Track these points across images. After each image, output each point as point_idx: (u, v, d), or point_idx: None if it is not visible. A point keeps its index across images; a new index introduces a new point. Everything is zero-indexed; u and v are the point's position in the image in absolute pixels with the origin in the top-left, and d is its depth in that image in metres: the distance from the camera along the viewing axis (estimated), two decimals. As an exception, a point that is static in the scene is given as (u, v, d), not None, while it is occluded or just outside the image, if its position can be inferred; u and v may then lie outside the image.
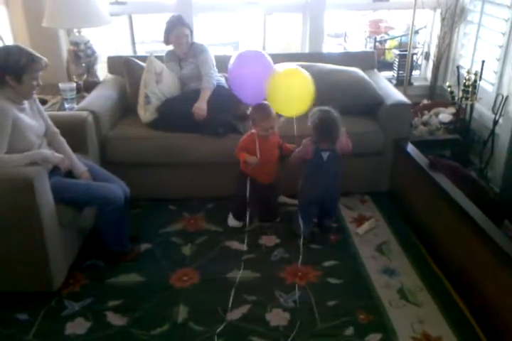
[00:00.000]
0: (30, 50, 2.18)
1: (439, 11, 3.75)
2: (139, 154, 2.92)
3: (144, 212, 2.96)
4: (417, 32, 4.12)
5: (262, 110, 2.55)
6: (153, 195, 3.08)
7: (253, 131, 2.64)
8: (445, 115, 3.30)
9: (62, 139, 2.44)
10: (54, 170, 2.28)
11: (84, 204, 2.38)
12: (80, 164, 2.42)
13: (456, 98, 3.20)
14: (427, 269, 2.47)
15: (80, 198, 2.30)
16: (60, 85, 3.06)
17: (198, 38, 3.81)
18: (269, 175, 2.76)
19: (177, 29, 3.07)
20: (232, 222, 2.85)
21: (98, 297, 2.28)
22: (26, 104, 2.26)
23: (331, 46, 5.61)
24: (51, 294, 2.26)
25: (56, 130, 2.44)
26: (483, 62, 3.03)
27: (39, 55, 2.18)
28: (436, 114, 3.34)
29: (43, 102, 3.03)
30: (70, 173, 2.39)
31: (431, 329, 2.09)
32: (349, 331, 2.08)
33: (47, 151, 2.22)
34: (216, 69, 3.21)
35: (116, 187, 2.39)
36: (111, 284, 2.37)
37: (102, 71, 3.56)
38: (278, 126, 2.66)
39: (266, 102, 2.57)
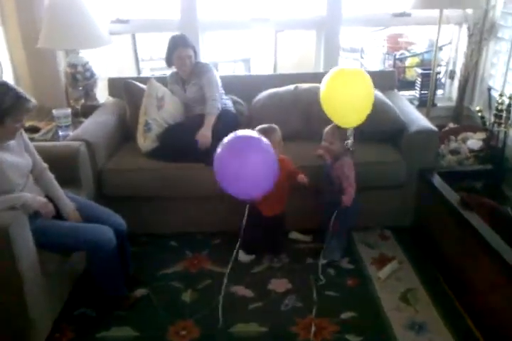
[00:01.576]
0: (19, 89, 1.93)
1: (465, 26, 3.47)
2: (138, 187, 2.68)
3: (142, 250, 2.70)
4: (440, 48, 3.83)
5: (264, 133, 2.27)
6: (153, 230, 2.83)
7: None
8: (474, 141, 3.00)
9: (51, 175, 2.21)
10: (38, 212, 2.04)
11: (72, 250, 2.13)
12: (68, 203, 2.17)
13: (488, 123, 2.90)
14: (460, 325, 2.16)
15: (66, 243, 2.06)
16: (54, 112, 2.84)
17: (205, 55, 3.60)
18: (274, 206, 2.51)
19: (179, 50, 2.84)
20: (243, 257, 2.61)
21: (85, 356, 2.03)
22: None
23: (346, 62, 5.34)
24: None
25: (44, 165, 2.21)
26: (518, 84, 2.73)
27: (27, 97, 1.93)
28: (464, 140, 3.04)
29: (36, 130, 2.83)
30: (58, 213, 2.15)
31: None
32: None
33: (27, 195, 1.97)
34: (223, 91, 2.98)
35: (107, 230, 2.14)
36: (101, 339, 2.11)
37: (103, 93, 3.35)
38: (280, 151, 2.40)
39: (273, 125, 2.45)
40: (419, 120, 2.81)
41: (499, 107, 2.78)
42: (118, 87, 3.08)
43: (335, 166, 2.47)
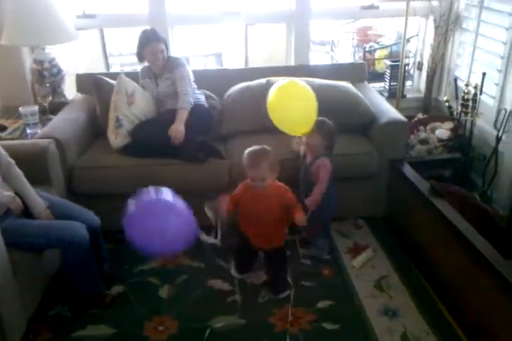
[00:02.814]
0: None
1: (431, 18, 3.53)
2: (110, 184, 2.64)
3: (117, 247, 2.65)
4: (408, 40, 3.88)
5: (251, 155, 2.13)
6: (127, 227, 2.79)
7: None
8: (443, 131, 3.06)
9: (19, 171, 2.16)
10: (8, 211, 2.01)
11: (43, 248, 2.10)
12: (38, 201, 2.13)
13: (455, 113, 2.96)
14: (432, 308, 2.22)
15: (37, 242, 2.02)
16: (21, 109, 2.78)
17: (176, 50, 3.57)
18: (264, 239, 2.26)
19: (152, 45, 2.80)
20: (234, 273, 2.43)
21: (61, 356, 2.00)
22: None
23: (317, 55, 5.37)
24: (6, 355, 1.97)
25: (11, 161, 2.15)
26: (483, 74, 2.79)
27: None
28: (433, 130, 3.10)
29: (2, 128, 2.76)
30: (27, 211, 2.11)
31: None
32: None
33: None
34: (195, 86, 2.96)
35: (79, 226, 2.11)
36: (77, 338, 2.09)
37: (71, 89, 3.29)
38: (275, 175, 2.18)
39: (266, 147, 2.17)
40: (389, 111, 2.85)
41: (465, 97, 2.84)
42: (86, 83, 3.03)
43: (313, 165, 2.43)
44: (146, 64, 2.95)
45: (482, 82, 2.80)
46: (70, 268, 2.12)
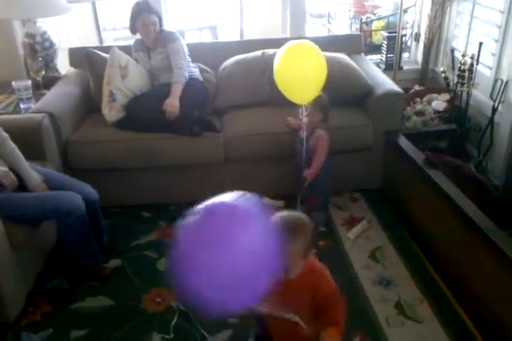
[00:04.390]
0: None
1: (429, -13, 3.46)
2: (106, 159, 2.64)
3: (114, 221, 2.69)
4: (405, 11, 3.82)
5: (292, 231, 1.32)
6: (124, 201, 2.81)
7: None
8: (439, 102, 3.04)
9: (13, 146, 2.15)
10: (2, 186, 2.01)
11: (39, 220, 2.10)
12: (33, 175, 2.13)
13: (451, 84, 2.93)
14: (426, 277, 2.25)
15: (31, 214, 2.03)
16: (14, 84, 2.75)
17: (170, 24, 3.51)
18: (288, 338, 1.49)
19: (143, 16, 2.76)
20: None
21: (61, 326, 2.03)
22: None
23: (314, 28, 5.28)
24: (7, 326, 2.00)
25: (5, 135, 2.14)
26: (480, 44, 2.76)
27: None
28: (429, 102, 3.08)
29: (-5, 104, 2.74)
30: (22, 185, 2.11)
31: (434, 350, 1.87)
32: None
33: None
34: (189, 59, 2.92)
35: (74, 196, 2.11)
36: (76, 310, 2.12)
37: (65, 64, 3.25)
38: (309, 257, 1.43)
39: (302, 216, 1.39)
40: (386, 83, 2.82)
41: (462, 67, 2.81)
42: (79, 57, 3.00)
43: (311, 139, 2.43)
44: (138, 37, 2.91)
45: (479, 51, 2.77)
46: (67, 239, 2.13)
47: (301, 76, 2.23)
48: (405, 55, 3.86)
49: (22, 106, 2.75)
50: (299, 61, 2.23)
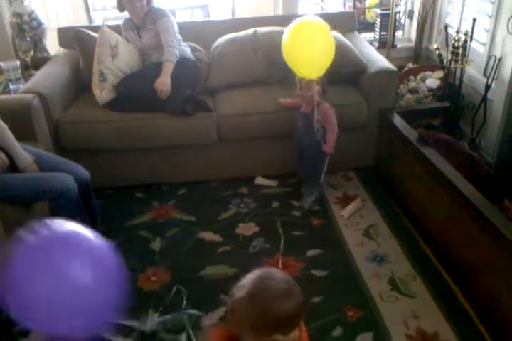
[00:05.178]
0: None
1: (422, -38, 3.41)
2: (97, 139, 2.62)
3: (107, 202, 2.68)
4: (399, -12, 3.77)
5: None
6: (117, 182, 2.80)
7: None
8: (433, 80, 3.02)
9: (3, 125, 2.11)
10: (-8, 167, 1.99)
11: (31, 201, 2.09)
12: (25, 155, 2.11)
13: (445, 61, 2.91)
14: (419, 254, 2.27)
15: (23, 195, 2.01)
16: (2, 64, 2.71)
17: (160, 2, 3.45)
18: None
19: None
20: None
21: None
22: None
23: (307, 6, 5.21)
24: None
25: None
26: (474, 20, 2.73)
27: None
28: (423, 80, 3.07)
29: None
30: (13, 166, 2.09)
31: (426, 324, 1.90)
32: (337, 331, 1.88)
33: None
34: (180, 38, 2.88)
35: (66, 177, 2.10)
36: (71, 290, 2.13)
37: (54, 45, 3.19)
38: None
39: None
40: (379, 61, 2.80)
41: (455, 44, 2.79)
42: (69, 37, 2.95)
43: (316, 113, 2.42)
44: (127, 16, 2.86)
45: (472, 28, 2.74)
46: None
47: (317, 48, 2.22)
48: (399, 32, 3.82)
49: (11, 86, 2.72)
50: (313, 35, 2.22)
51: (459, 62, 2.80)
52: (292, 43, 2.25)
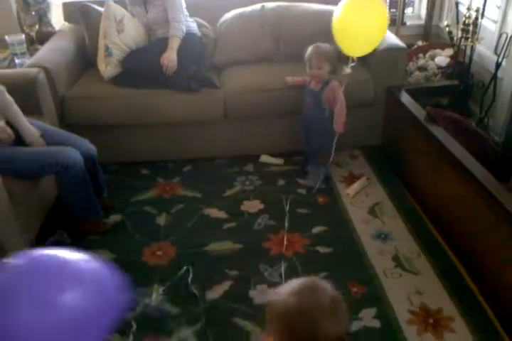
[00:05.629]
0: None
1: None
2: (103, 115, 2.61)
3: (113, 178, 2.68)
4: (409, -36, 3.69)
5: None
6: (122, 158, 2.80)
7: None
8: (442, 58, 2.97)
9: (10, 98, 2.10)
10: (-1, 140, 1.99)
11: (38, 175, 2.10)
12: (32, 129, 2.10)
13: (455, 38, 2.86)
14: (424, 232, 2.27)
15: (29, 169, 2.01)
16: (7, 38, 2.69)
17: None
18: None
19: None
20: None
21: (63, 279, 2.06)
22: None
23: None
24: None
25: (1, 88, 2.10)
26: (486, -4, 2.67)
27: None
28: (433, 57, 3.02)
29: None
30: (21, 140, 2.09)
31: (430, 300, 1.91)
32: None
33: None
34: (187, 13, 2.84)
35: (72, 151, 2.09)
36: (77, 263, 2.14)
37: (59, 20, 3.16)
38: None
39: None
40: (388, 38, 2.74)
41: (466, 21, 2.73)
42: (74, 11, 2.92)
43: (325, 91, 2.44)
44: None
45: (484, 4, 2.68)
46: (67, 194, 2.14)
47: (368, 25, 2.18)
48: (409, 10, 3.74)
49: (17, 61, 2.69)
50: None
51: (470, 39, 2.74)
52: (354, 17, 2.19)
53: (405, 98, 2.58)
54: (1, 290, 0.87)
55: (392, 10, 3.54)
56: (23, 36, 2.74)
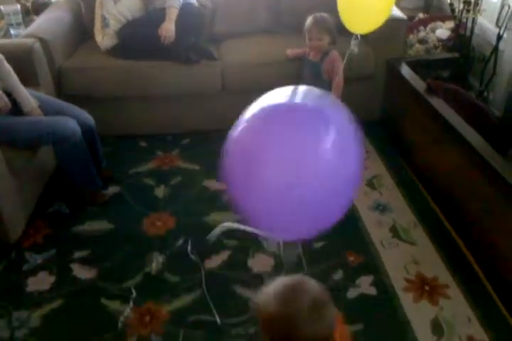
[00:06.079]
0: None
1: None
2: (100, 87, 2.59)
3: (111, 150, 2.67)
4: None
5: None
6: (121, 131, 2.79)
7: None
8: (443, 30, 2.94)
9: (9, 67, 2.08)
10: (-4, 109, 1.98)
11: (35, 145, 2.09)
12: (29, 99, 2.09)
13: (457, 11, 2.82)
14: (421, 204, 2.28)
15: (26, 138, 2.01)
16: (2, 8, 2.65)
17: None
18: None
19: None
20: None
21: (63, 247, 2.07)
22: None
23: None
24: (9, 246, 2.05)
25: (0, 56, 2.07)
26: (489, -35, 2.62)
27: None
28: (433, 30, 2.98)
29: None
30: (19, 109, 2.08)
31: (426, 269, 1.93)
32: (338, 274, 1.92)
33: None
34: (184, -17, 2.78)
35: (70, 120, 2.09)
36: (77, 233, 2.16)
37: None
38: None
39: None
40: (388, 9, 2.71)
41: (469, -8, 2.69)
42: (70, -19, 2.87)
43: (325, 61, 2.42)
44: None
45: (487, -25, 2.64)
46: (66, 164, 2.14)
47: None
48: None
49: (12, 31, 2.66)
50: None
51: (471, 11, 2.70)
52: None
53: (405, 70, 2.56)
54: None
55: (393, -18, 3.48)
56: (19, 6, 2.70)
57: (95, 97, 2.63)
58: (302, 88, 1.05)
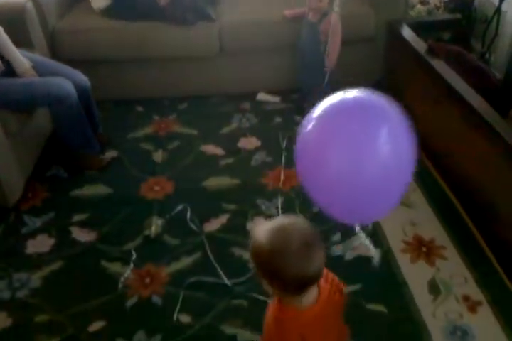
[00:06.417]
0: None
1: None
2: (95, 49, 2.54)
3: (108, 115, 2.64)
4: None
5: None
6: (117, 95, 2.75)
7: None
8: (446, -9, 2.86)
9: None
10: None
11: (30, 106, 2.06)
12: (22, 60, 2.05)
13: (460, -31, 2.74)
14: (420, 167, 2.25)
15: (21, 100, 1.97)
16: (-10, -34, 2.55)
17: None
18: None
19: None
20: None
21: (61, 211, 2.08)
22: None
23: None
24: (7, 210, 2.05)
25: None
26: None
27: None
28: (436, -10, 2.91)
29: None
30: (12, 71, 2.03)
31: (423, 231, 1.94)
32: (336, 236, 1.92)
33: None
34: None
35: (65, 82, 2.05)
36: (75, 196, 2.16)
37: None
38: None
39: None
40: (389, -33, 2.64)
41: (473, -50, 2.61)
42: None
43: (323, 22, 2.39)
44: None
45: None
46: (62, 127, 2.11)
47: None
48: None
49: (2, -9, 2.57)
50: None
51: (476, -30, 2.63)
52: None
53: (407, 32, 2.51)
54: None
55: None
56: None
57: (90, 61, 2.57)
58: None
